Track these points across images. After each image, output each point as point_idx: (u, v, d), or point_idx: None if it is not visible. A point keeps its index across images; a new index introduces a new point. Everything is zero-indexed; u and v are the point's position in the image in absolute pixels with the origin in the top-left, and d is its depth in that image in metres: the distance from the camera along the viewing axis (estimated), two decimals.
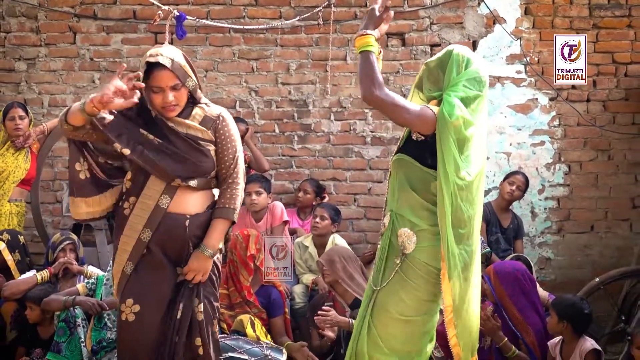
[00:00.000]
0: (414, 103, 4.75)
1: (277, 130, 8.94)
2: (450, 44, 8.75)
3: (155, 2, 7.96)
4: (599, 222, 8.92)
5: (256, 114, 8.90)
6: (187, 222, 4.92)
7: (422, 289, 4.75)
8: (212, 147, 4.96)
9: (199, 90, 4.96)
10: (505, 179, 8.35)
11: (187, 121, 4.89)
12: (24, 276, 7.35)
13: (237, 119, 8.36)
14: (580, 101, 8.89)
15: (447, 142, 4.56)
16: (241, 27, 8.81)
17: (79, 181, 4.95)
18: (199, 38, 8.88)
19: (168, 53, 4.77)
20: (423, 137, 4.70)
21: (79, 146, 4.89)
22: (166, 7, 7.73)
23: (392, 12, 4.80)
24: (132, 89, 4.54)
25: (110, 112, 4.75)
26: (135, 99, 4.54)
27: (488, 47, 8.90)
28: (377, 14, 4.73)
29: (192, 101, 4.94)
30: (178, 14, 7.78)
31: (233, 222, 5.15)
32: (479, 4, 8.89)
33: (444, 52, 4.83)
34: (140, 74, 4.67)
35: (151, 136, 4.83)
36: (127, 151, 4.76)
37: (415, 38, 8.90)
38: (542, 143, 8.89)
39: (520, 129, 8.89)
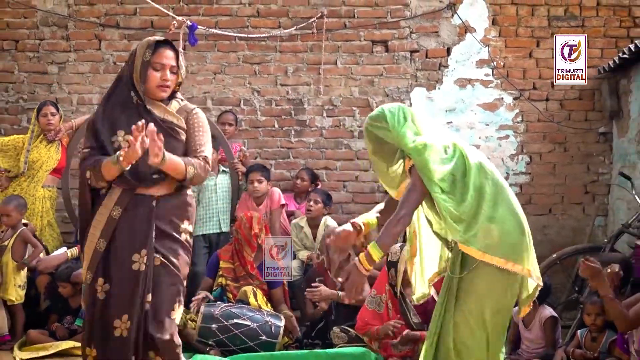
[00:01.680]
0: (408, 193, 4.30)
1: (276, 126, 8.91)
2: (427, 50, 8.77)
3: (171, 14, 7.93)
4: (556, 205, 8.91)
5: (258, 111, 8.88)
6: (153, 203, 4.51)
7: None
8: (183, 135, 4.58)
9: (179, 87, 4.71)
10: None
11: (165, 106, 4.57)
12: (56, 252, 7.37)
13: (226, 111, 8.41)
14: (540, 100, 8.87)
15: (427, 172, 4.22)
16: (245, 35, 8.79)
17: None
18: (209, 45, 8.84)
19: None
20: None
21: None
22: (180, 18, 7.71)
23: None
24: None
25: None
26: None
27: (460, 53, 8.87)
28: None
29: (172, 95, 4.66)
30: (190, 24, 7.76)
31: (184, 179, 4.50)
32: (452, 15, 8.86)
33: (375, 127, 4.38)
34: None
35: (122, 133, 4.47)
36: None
37: (397, 45, 8.87)
38: (507, 137, 8.86)
39: (487, 125, 8.86)
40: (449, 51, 8.89)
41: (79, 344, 6.65)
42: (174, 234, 4.56)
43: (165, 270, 4.52)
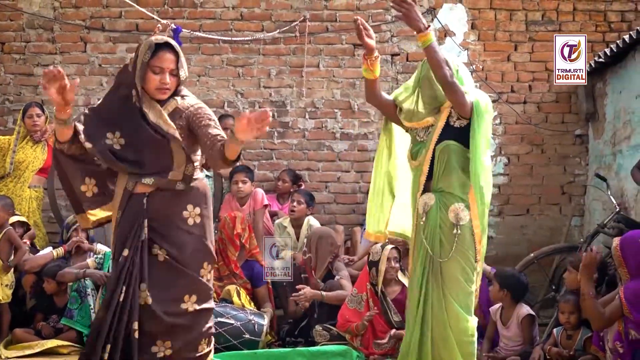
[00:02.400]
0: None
1: None
2: (408, 53, 8.81)
3: (155, 17, 7.93)
4: (534, 206, 8.96)
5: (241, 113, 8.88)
6: (144, 200, 4.48)
7: (472, 257, 4.78)
8: (173, 140, 4.44)
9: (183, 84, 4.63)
10: None
11: (161, 110, 4.46)
12: (41, 252, 7.34)
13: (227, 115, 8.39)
14: (518, 103, 8.92)
15: (481, 128, 4.68)
16: (229, 38, 8.79)
17: (88, 198, 4.68)
18: (193, 48, 8.83)
19: (173, 42, 4.56)
20: (466, 122, 4.76)
21: (80, 166, 4.63)
22: (164, 21, 7.70)
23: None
24: (62, 84, 4.27)
25: (85, 114, 4.60)
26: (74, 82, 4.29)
27: None
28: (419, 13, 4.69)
29: (173, 93, 4.55)
30: (175, 27, 7.74)
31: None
32: (432, 19, 8.88)
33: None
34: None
35: (118, 134, 4.49)
36: (88, 145, 4.45)
37: (378, 48, 8.77)
38: None
39: None
40: None
41: (64, 343, 6.70)
42: (177, 222, 4.51)
43: (168, 267, 4.49)
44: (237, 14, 8.93)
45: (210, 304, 4.66)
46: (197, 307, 4.53)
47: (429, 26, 4.65)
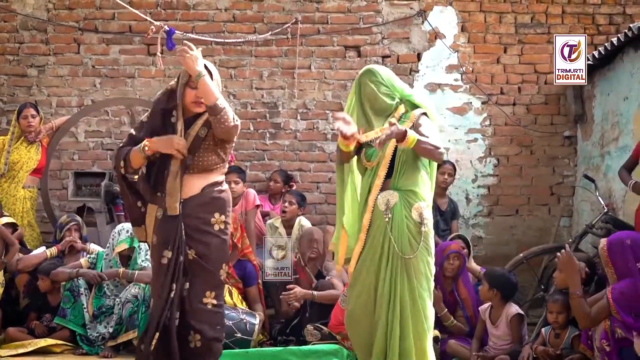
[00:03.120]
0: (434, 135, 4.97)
1: (251, 128, 8.92)
2: (398, 55, 8.81)
3: (148, 19, 7.91)
4: (523, 206, 8.98)
5: None
6: (180, 206, 4.94)
7: (432, 254, 4.94)
8: (210, 142, 5.02)
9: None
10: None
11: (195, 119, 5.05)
12: (35, 252, 7.34)
13: None
14: (508, 105, 8.95)
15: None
16: (221, 40, 8.80)
17: (141, 214, 5.18)
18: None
19: (210, 66, 5.20)
20: None
21: (135, 191, 5.15)
22: (157, 23, 7.67)
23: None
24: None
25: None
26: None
27: (430, 58, 8.94)
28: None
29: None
30: (168, 28, 7.73)
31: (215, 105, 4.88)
32: (423, 22, 8.91)
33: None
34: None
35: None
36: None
37: (369, 50, 8.92)
38: (476, 140, 8.94)
39: (457, 128, 8.93)
40: (419, 57, 8.95)
41: (57, 342, 6.69)
42: (204, 227, 4.98)
43: (196, 265, 4.96)
44: (229, 15, 8.93)
45: (222, 301, 5.16)
46: (215, 302, 5.01)
47: (405, 130, 4.70)
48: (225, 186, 5.16)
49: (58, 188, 8.79)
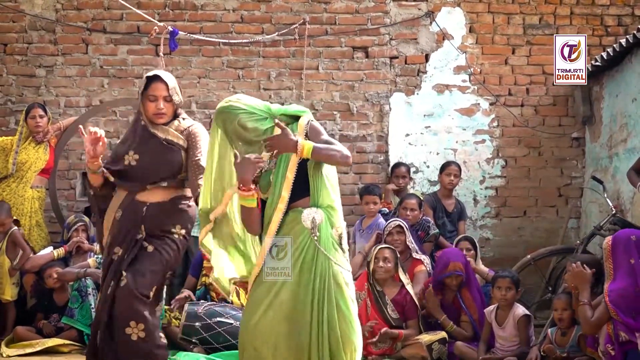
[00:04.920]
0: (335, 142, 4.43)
1: None
2: (406, 56, 8.82)
3: (154, 20, 7.93)
4: (531, 208, 8.97)
5: None
6: (144, 208, 4.97)
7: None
8: (183, 153, 5.02)
9: (180, 108, 5.16)
10: (441, 172, 8.30)
11: (167, 128, 5.04)
12: (42, 252, 7.36)
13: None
14: (516, 106, 8.94)
15: None
16: (229, 40, 8.80)
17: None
18: (193, 50, 8.85)
19: (163, 74, 5.04)
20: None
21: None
22: (162, 24, 7.71)
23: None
24: (96, 140, 4.85)
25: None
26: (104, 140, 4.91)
27: (438, 59, 8.93)
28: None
29: (174, 116, 5.12)
30: (172, 29, 7.75)
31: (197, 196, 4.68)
32: (431, 23, 8.91)
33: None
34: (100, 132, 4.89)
35: (132, 152, 5.01)
36: (113, 178, 5.05)
37: (377, 51, 8.91)
38: (483, 141, 8.92)
39: (465, 129, 8.92)
40: (427, 57, 8.94)
41: (65, 341, 6.72)
42: (165, 231, 5.00)
43: (152, 255, 4.93)
44: (237, 16, 8.93)
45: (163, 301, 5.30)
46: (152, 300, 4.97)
47: (297, 140, 4.22)
48: (192, 202, 5.09)
49: (66, 188, 8.80)
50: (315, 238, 4.42)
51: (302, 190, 4.39)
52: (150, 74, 5.03)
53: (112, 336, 4.87)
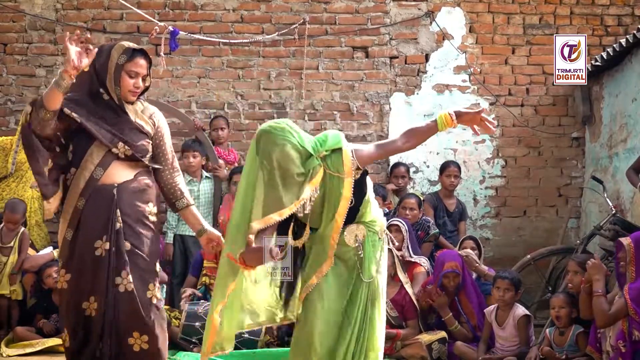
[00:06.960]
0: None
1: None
2: (406, 56, 8.81)
3: (154, 20, 7.92)
4: (530, 208, 8.97)
5: (241, 115, 8.88)
6: (114, 191, 4.51)
7: None
8: (150, 141, 4.69)
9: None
10: (441, 173, 8.30)
11: (135, 109, 4.70)
12: (42, 252, 7.36)
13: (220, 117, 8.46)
14: (515, 106, 8.94)
15: None
16: (229, 40, 8.79)
17: (46, 182, 4.62)
18: (193, 49, 8.84)
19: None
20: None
21: (42, 147, 4.57)
22: (162, 24, 7.69)
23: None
24: (86, 47, 4.37)
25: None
26: (94, 51, 4.40)
27: (438, 59, 8.93)
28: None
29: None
30: (172, 29, 7.74)
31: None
32: (430, 22, 8.91)
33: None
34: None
35: (121, 144, 4.55)
36: (75, 115, 4.48)
37: (377, 51, 8.91)
38: (483, 141, 8.92)
39: (464, 129, 8.86)
40: (427, 57, 8.94)
41: None
42: (142, 218, 4.61)
43: (135, 257, 4.53)
44: (237, 16, 8.93)
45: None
46: (159, 297, 4.65)
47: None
48: (147, 177, 4.73)
49: None
50: (360, 254, 4.42)
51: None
52: (133, 46, 4.68)
53: (111, 344, 4.49)
